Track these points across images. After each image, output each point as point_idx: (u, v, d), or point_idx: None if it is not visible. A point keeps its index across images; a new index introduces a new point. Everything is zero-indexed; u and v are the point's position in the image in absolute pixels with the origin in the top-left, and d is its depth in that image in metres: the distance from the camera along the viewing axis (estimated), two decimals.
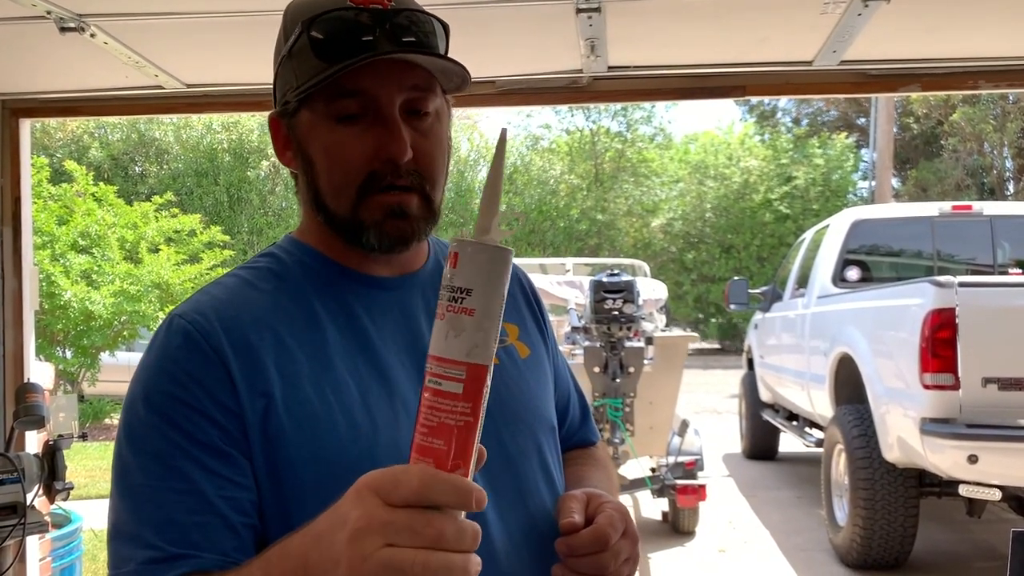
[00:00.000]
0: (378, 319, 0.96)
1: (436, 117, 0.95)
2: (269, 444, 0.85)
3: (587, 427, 1.20)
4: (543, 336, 1.11)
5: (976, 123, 18.46)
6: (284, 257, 0.99)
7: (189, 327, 0.88)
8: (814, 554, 5.19)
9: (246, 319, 0.90)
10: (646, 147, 22.60)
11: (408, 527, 0.63)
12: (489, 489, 0.90)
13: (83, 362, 10.18)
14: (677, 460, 5.14)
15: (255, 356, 0.87)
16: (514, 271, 1.14)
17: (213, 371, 0.86)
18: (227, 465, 0.84)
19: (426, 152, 0.93)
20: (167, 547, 0.81)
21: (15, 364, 2.32)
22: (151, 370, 0.88)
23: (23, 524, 1.98)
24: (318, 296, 0.95)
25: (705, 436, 6.00)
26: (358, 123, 0.91)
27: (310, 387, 0.88)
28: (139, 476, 0.84)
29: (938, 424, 4.04)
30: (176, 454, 0.84)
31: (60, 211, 10.10)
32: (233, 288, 0.94)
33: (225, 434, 0.85)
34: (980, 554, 5.20)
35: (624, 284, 4.72)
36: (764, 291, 7.90)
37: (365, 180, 0.91)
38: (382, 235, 0.93)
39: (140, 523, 0.83)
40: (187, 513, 0.82)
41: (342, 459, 0.85)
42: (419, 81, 0.92)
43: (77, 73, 2.11)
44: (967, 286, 4.12)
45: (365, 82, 0.89)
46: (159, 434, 0.85)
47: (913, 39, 1.99)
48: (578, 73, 2.12)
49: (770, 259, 19.49)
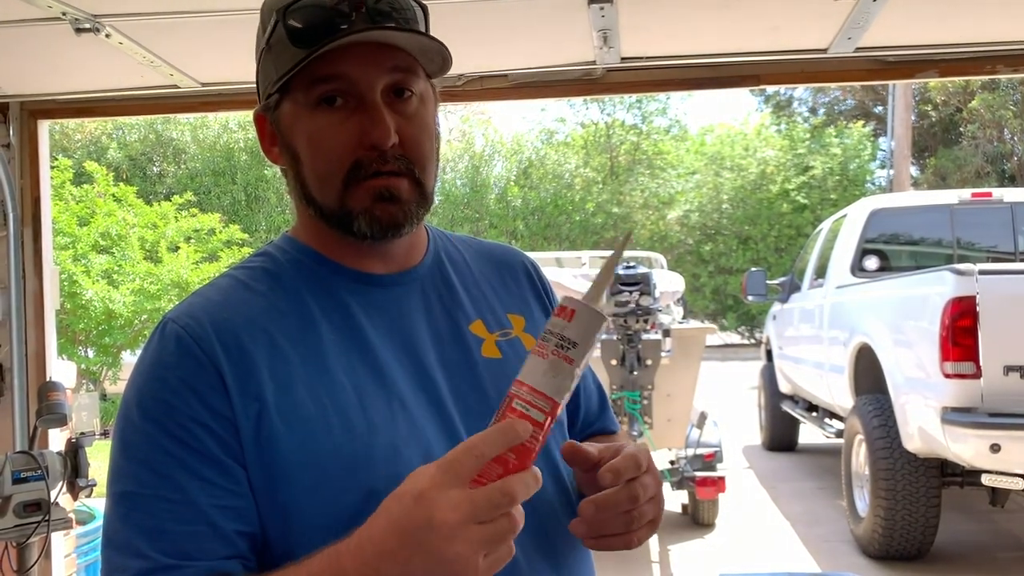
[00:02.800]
0: (374, 316, 0.94)
1: (420, 100, 0.93)
2: (263, 449, 0.84)
3: (605, 416, 1.16)
4: None
5: (996, 109, 18.24)
6: (279, 256, 0.97)
7: (182, 331, 0.87)
8: (836, 545, 5.16)
9: (239, 321, 0.88)
10: (661, 139, 22.50)
11: (488, 501, 0.69)
12: None
13: (105, 361, 10.28)
14: (696, 452, 5.13)
15: (248, 360, 0.86)
16: (521, 257, 1.12)
17: (206, 377, 0.85)
18: (221, 473, 0.83)
19: (411, 136, 0.91)
20: (159, 557, 0.80)
21: (37, 363, 2.35)
22: (145, 376, 0.87)
23: (48, 520, 2.01)
24: (312, 295, 0.93)
25: (724, 428, 5.99)
26: (340, 110, 0.89)
27: (304, 389, 0.86)
28: (132, 484, 0.84)
29: (959, 413, 4.01)
30: (169, 462, 0.83)
31: (82, 212, 10.20)
32: (227, 289, 0.93)
33: (219, 441, 0.84)
34: (1003, 544, 5.16)
35: (640, 276, 4.71)
36: (782, 282, 7.86)
37: (350, 168, 0.89)
38: (372, 221, 0.90)
39: (132, 532, 0.82)
40: (179, 523, 0.81)
41: (337, 461, 0.84)
42: (400, 62, 0.90)
43: (93, 74, 2.13)
44: (987, 274, 4.08)
45: (344, 66, 0.87)
46: (152, 442, 0.84)
47: (929, 24, 1.97)
48: (591, 65, 2.11)
49: (788, 250, 19.37)
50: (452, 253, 1.06)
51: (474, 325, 1.00)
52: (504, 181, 21.42)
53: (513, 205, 20.86)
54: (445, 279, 1.02)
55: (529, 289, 1.09)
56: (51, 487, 2.03)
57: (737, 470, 7.10)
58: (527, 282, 1.10)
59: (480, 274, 1.06)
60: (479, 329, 1.00)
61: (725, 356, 17.49)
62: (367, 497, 0.80)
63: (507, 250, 1.13)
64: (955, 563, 4.76)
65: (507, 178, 21.54)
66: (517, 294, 1.07)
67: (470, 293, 1.02)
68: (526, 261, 1.12)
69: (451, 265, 1.04)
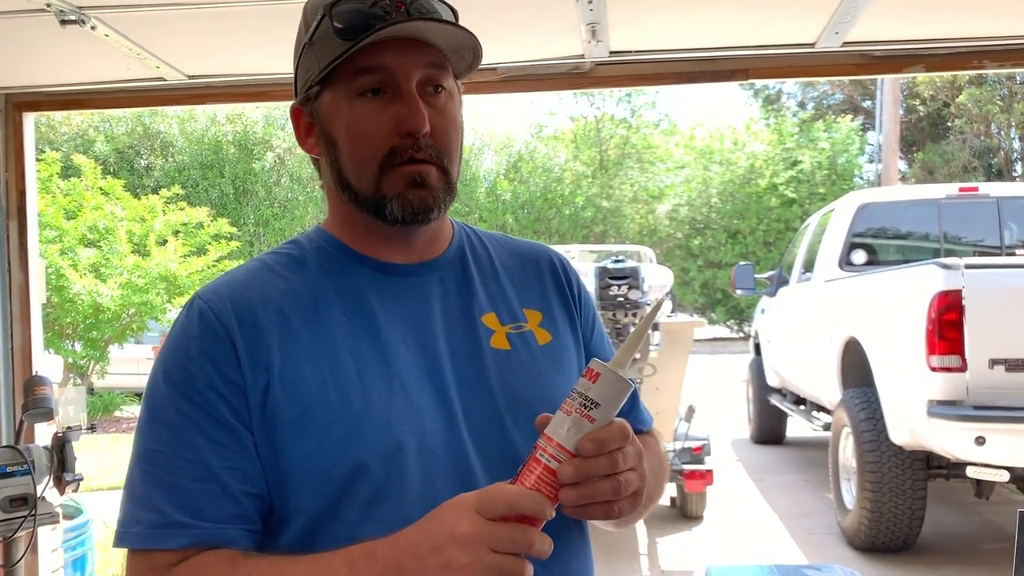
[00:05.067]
0: (388, 303, 0.99)
1: (449, 96, 1.00)
2: (267, 417, 0.91)
3: (635, 414, 1.14)
4: (573, 323, 1.10)
5: (983, 104, 18.33)
6: (305, 244, 1.04)
7: (205, 307, 0.95)
8: (823, 537, 5.20)
9: (257, 300, 0.96)
10: (651, 133, 22.52)
11: (507, 534, 0.77)
12: (489, 477, 0.93)
13: (92, 355, 10.24)
14: (684, 445, 5.15)
15: (261, 335, 0.93)
16: (551, 255, 1.16)
17: (222, 348, 0.92)
18: (232, 437, 0.91)
19: (442, 127, 0.97)
20: (173, 512, 0.88)
21: (23, 357, 2.34)
22: (171, 346, 0.96)
23: (34, 515, 2.00)
24: (330, 280, 1.00)
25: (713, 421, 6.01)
26: (378, 99, 0.96)
27: (309, 366, 0.93)
28: (154, 443, 0.92)
29: (945, 406, 4.04)
30: (186, 425, 0.91)
31: (69, 205, 10.14)
32: (253, 271, 1.01)
33: (231, 408, 0.91)
34: (988, 536, 5.21)
35: (629, 270, 4.72)
36: (770, 276, 7.88)
37: (387, 155, 0.95)
38: (405, 204, 0.96)
39: (151, 486, 0.90)
40: (192, 480, 0.89)
41: (331, 434, 0.91)
42: (434, 58, 0.97)
43: (79, 66, 2.12)
44: (974, 268, 4.11)
45: (384, 58, 0.94)
46: (173, 406, 0.92)
47: (916, 19, 1.98)
48: (580, 59, 2.12)
49: (776, 244, 19.44)
50: (476, 247, 1.10)
51: (487, 317, 1.04)
52: (493, 175, 21.39)
53: (503, 199, 20.84)
54: (464, 271, 1.06)
55: (552, 286, 1.12)
56: (37, 482, 2.02)
57: (725, 463, 7.13)
58: (551, 279, 1.12)
59: (501, 269, 1.10)
60: (491, 321, 1.04)
61: (714, 350, 17.56)
62: (356, 469, 0.90)
63: (536, 247, 1.17)
64: (941, 554, 4.80)
65: (497, 172, 21.52)
66: (537, 290, 1.10)
67: (487, 286, 1.07)
68: (555, 259, 1.15)
69: (473, 259, 1.08)
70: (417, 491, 0.91)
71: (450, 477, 0.93)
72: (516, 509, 0.79)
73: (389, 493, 0.91)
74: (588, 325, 1.13)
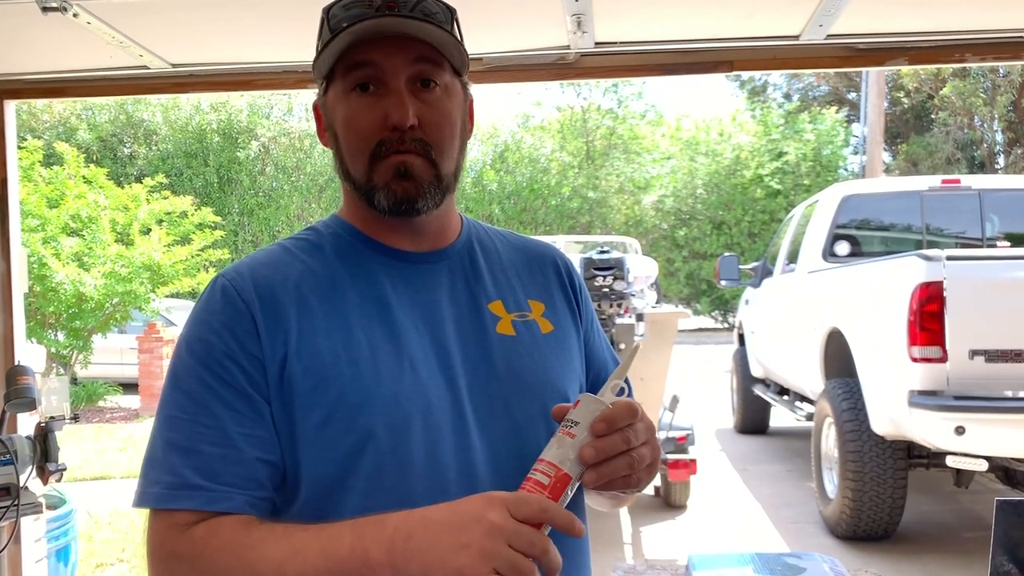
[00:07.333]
0: (399, 287, 1.04)
1: (445, 92, 1.03)
2: (283, 388, 0.97)
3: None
4: (574, 318, 1.16)
5: (967, 97, 18.45)
6: (323, 230, 1.10)
7: (227, 284, 1.01)
8: (805, 526, 5.25)
9: (277, 279, 1.02)
10: (637, 124, 22.53)
11: (528, 536, 0.82)
12: (491, 453, 0.99)
13: (75, 344, 10.16)
14: (668, 435, 5.17)
15: (280, 311, 0.99)
16: (555, 254, 1.22)
17: (242, 322, 0.98)
18: (249, 406, 0.96)
19: (431, 121, 1.01)
20: (189, 474, 0.93)
21: (6, 347, 2.32)
22: (194, 319, 1.02)
23: (17, 505, 1.99)
24: (345, 264, 1.05)
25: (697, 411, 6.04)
26: (369, 94, 1.01)
27: (323, 341, 0.98)
28: (175, 409, 0.97)
29: (926, 396, 4.08)
30: (206, 393, 0.96)
31: (52, 194, 10.04)
32: (273, 253, 1.07)
33: (249, 377, 0.97)
34: (967, 524, 5.27)
35: (614, 261, 4.73)
36: (755, 267, 7.92)
37: (375, 147, 1.00)
38: (390, 194, 1.01)
39: (169, 450, 0.96)
40: (210, 445, 0.94)
41: (342, 405, 0.96)
42: (425, 54, 1.00)
43: (61, 54, 2.10)
44: (955, 260, 4.15)
45: (374, 55, 0.99)
46: (194, 374, 0.98)
47: (899, 13, 1.99)
48: (565, 49, 2.12)
49: (761, 235, 19.52)
50: (484, 240, 1.16)
51: (493, 304, 1.09)
52: (480, 165, 21.35)
53: (489, 189, 20.81)
54: (473, 261, 1.12)
55: (556, 282, 1.17)
56: (20, 472, 2.01)
57: (709, 453, 7.18)
58: (555, 277, 1.18)
59: (508, 261, 1.15)
60: (497, 308, 1.09)
61: (698, 340, 17.64)
62: (365, 438, 0.95)
63: (542, 246, 1.22)
64: (921, 543, 4.86)
65: (483, 162, 21.47)
66: (542, 284, 1.16)
67: (495, 276, 1.12)
68: (559, 258, 1.21)
69: (481, 250, 1.14)
70: (421, 464, 0.96)
71: (453, 453, 0.98)
72: (548, 516, 0.84)
73: (394, 464, 0.96)
74: (588, 325, 1.19)
